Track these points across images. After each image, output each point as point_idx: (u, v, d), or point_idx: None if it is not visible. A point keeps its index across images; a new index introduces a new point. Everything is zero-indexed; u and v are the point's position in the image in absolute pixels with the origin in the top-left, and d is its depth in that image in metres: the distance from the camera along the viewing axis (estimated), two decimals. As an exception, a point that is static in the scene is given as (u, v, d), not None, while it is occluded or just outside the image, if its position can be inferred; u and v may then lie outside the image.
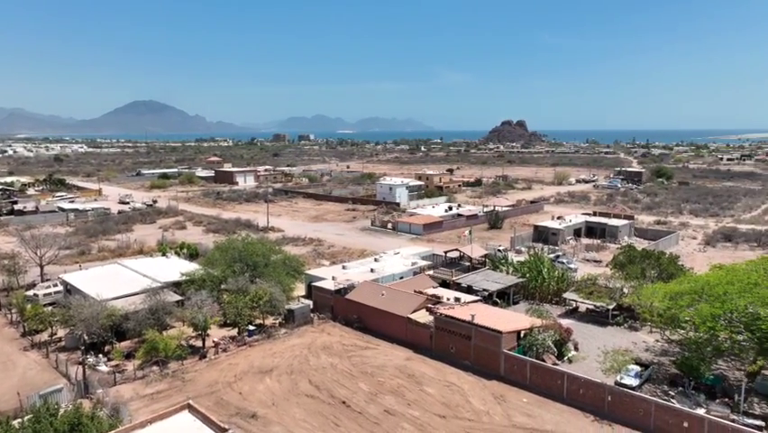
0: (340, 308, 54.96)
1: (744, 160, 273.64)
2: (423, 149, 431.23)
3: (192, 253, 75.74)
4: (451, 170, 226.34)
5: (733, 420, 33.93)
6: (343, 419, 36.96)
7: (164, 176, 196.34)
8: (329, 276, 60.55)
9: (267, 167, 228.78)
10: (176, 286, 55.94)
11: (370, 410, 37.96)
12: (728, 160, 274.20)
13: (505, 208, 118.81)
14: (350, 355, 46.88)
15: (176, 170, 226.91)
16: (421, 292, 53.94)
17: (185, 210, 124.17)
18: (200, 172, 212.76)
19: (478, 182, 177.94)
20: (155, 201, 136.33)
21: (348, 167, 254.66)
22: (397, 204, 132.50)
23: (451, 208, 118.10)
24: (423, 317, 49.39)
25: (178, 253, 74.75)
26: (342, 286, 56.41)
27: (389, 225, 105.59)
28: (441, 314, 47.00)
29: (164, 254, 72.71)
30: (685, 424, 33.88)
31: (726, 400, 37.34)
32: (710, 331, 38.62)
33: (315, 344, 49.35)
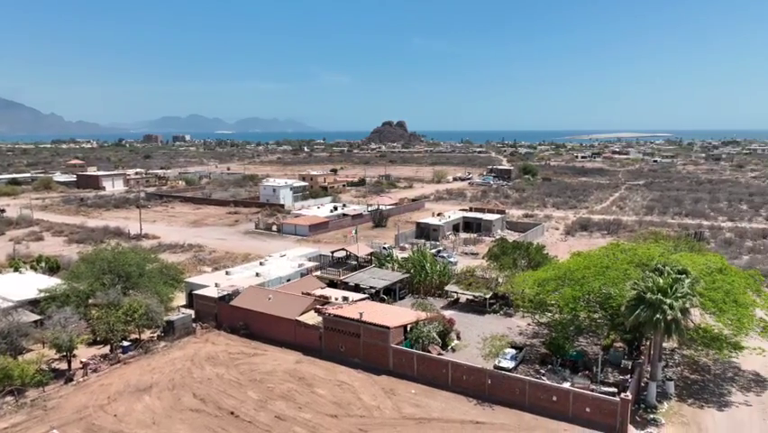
0: (225, 315, 52.81)
1: (594, 157, 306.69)
2: (306, 149, 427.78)
3: (52, 267, 68.32)
4: (335, 171, 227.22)
5: (592, 390, 38.02)
6: (232, 430, 35.65)
7: (14, 181, 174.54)
8: (212, 283, 57.89)
9: (138, 170, 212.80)
10: (33, 304, 50.16)
11: (260, 418, 36.99)
12: (582, 157, 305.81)
13: (388, 207, 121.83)
14: (237, 364, 45.27)
15: (29, 174, 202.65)
16: (309, 294, 53.59)
17: (41, 219, 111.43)
18: (59, 177, 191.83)
19: (362, 182, 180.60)
20: (3, 210, 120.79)
21: (228, 169, 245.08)
22: (282, 205, 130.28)
23: (336, 208, 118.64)
24: (312, 318, 49.13)
25: (34, 268, 66.98)
26: (226, 292, 54.22)
27: (274, 228, 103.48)
28: (329, 314, 47.10)
29: (17, 270, 64.74)
30: (554, 398, 37.33)
31: (587, 372, 41.73)
32: (572, 312, 42.96)
33: (198, 355, 46.94)
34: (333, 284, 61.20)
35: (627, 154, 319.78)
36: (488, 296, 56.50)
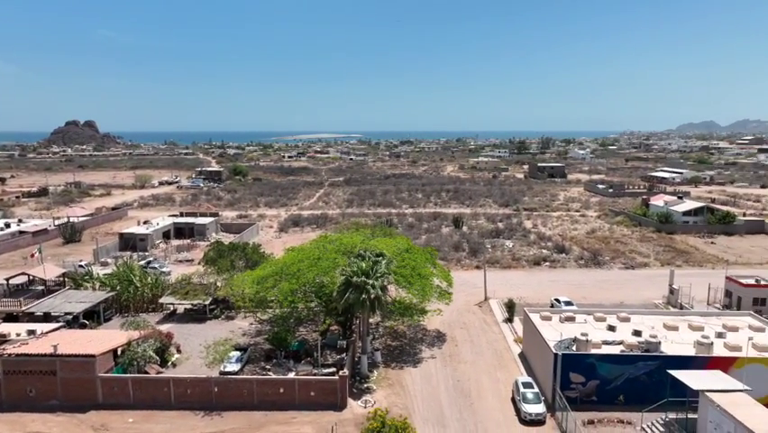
0: None
1: (300, 157, 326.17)
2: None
3: None
4: (2, 180, 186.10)
5: (315, 374, 40.78)
6: None
7: None
8: None
9: None
10: None
11: None
12: (289, 157, 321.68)
13: (82, 219, 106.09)
14: None
15: None
16: (-23, 335, 42.81)
17: None
18: None
19: (44, 191, 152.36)
20: None
21: None
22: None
23: (9, 225, 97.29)
24: (-17, 364, 39.39)
25: None
26: None
27: None
28: (9, 355, 38.60)
29: None
30: (281, 390, 38.67)
31: (309, 359, 44.48)
32: (291, 304, 45.11)
33: None
34: (12, 317, 50.26)
35: (328, 153, 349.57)
36: (207, 302, 54.69)
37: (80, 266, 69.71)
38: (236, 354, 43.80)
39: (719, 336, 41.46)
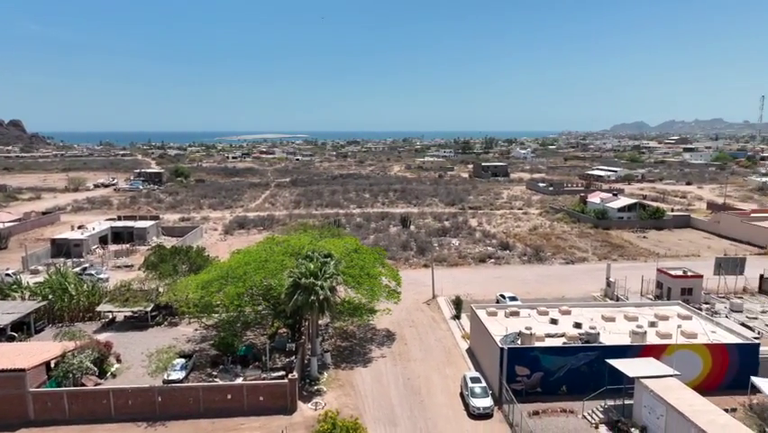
0: None
1: (244, 157, 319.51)
2: None
3: None
4: None
5: (263, 378, 40.10)
6: None
7: None
8: None
9: None
10: None
11: None
12: (233, 158, 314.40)
13: (9, 224, 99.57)
14: None
15: None
16: None
17: None
18: None
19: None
20: None
21: None
22: None
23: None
24: None
25: None
26: None
27: None
28: (-71, 372, 35.81)
29: None
30: (229, 396, 37.79)
31: (258, 363, 43.69)
32: (238, 308, 44.16)
33: None
34: (-70, 332, 46.60)
35: (274, 154, 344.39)
36: (149, 309, 52.66)
37: (7, 275, 65.49)
38: (180, 361, 42.44)
39: (652, 325, 43.87)
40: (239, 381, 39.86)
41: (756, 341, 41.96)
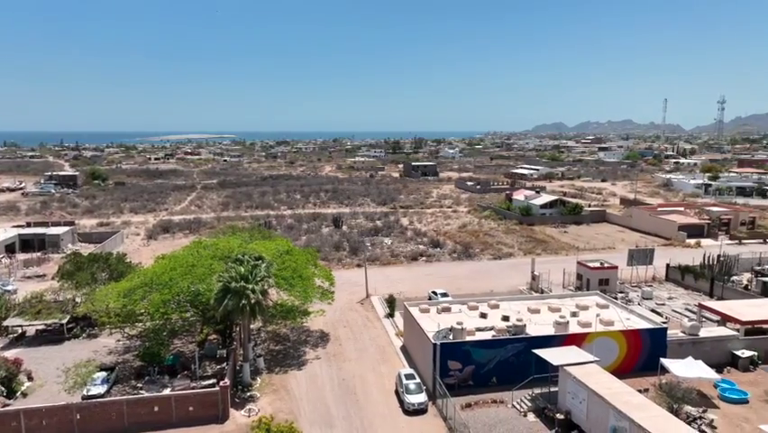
0: None
1: (168, 159, 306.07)
2: None
3: None
4: None
5: (193, 388, 38.66)
6: None
7: None
8: None
9: None
10: None
11: None
12: (156, 159, 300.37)
13: None
14: None
15: None
16: None
17: None
18: None
19: None
20: None
21: None
22: None
23: None
24: None
25: None
26: None
27: None
28: None
29: None
30: (156, 408, 36.08)
31: (186, 372, 42.06)
32: (164, 316, 42.24)
33: None
34: None
35: (199, 155, 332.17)
36: (64, 321, 49.29)
37: None
38: (102, 374, 40.13)
39: (573, 315, 46.38)
40: (167, 391, 38.18)
41: (664, 325, 45.48)
